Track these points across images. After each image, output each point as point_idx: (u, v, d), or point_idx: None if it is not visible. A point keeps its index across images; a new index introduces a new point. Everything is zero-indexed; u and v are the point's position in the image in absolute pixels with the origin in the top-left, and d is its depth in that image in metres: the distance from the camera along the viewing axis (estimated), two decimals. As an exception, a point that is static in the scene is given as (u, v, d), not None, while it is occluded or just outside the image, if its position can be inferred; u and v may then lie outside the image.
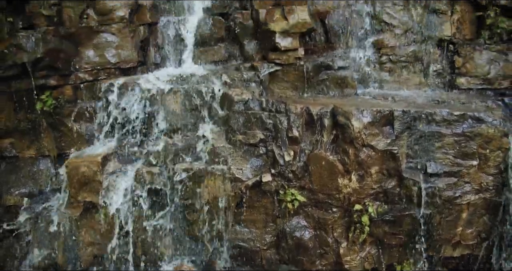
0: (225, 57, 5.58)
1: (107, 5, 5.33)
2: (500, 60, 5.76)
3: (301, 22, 5.11)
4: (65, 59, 5.31)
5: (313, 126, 4.82)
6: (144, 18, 5.48)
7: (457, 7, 5.72)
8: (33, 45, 5.14)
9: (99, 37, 5.36)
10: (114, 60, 5.34)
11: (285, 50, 5.16)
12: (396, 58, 5.63)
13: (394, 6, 5.59)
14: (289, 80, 5.35)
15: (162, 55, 5.64)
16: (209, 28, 5.51)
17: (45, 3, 5.35)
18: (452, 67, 5.78)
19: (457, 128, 4.87)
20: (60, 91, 5.38)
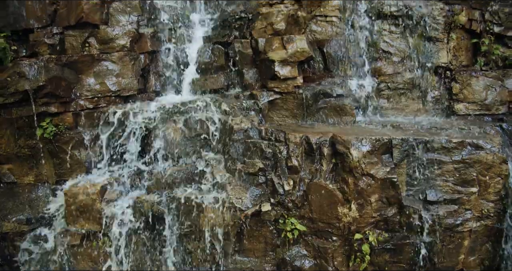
0: (224, 85, 5.62)
1: (108, 34, 5.42)
2: (496, 86, 5.84)
3: (300, 51, 5.18)
4: (66, 87, 5.35)
5: (312, 155, 4.83)
6: (145, 46, 5.56)
7: (453, 35, 5.83)
8: (35, 73, 5.18)
9: (100, 65, 5.41)
10: (115, 88, 5.37)
11: (284, 79, 5.21)
12: (394, 85, 5.69)
13: (391, 34, 5.69)
14: (288, 108, 5.39)
15: (162, 83, 5.68)
16: (209, 56, 5.57)
17: (49, 32, 5.45)
18: (449, 93, 5.85)
19: (456, 156, 4.88)
20: (60, 118, 5.39)
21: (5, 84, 5.14)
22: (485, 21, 5.96)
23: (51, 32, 5.47)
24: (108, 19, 5.51)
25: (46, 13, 5.46)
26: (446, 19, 5.79)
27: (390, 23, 5.68)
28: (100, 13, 5.44)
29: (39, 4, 5.44)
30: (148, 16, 5.62)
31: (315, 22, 5.62)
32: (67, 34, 5.47)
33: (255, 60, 5.50)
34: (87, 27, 5.46)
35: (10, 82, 5.16)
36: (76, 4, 5.37)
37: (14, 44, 5.44)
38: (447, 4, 5.82)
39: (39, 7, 5.44)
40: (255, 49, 5.42)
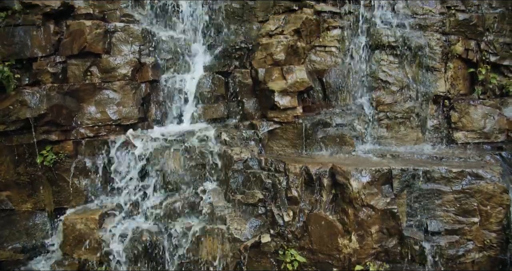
0: (224, 114, 5.66)
1: (110, 63, 5.50)
2: (495, 114, 5.88)
3: (300, 82, 5.25)
4: (67, 115, 5.39)
5: (312, 186, 4.82)
6: (146, 76, 5.62)
7: (450, 64, 5.91)
8: (37, 101, 5.23)
9: (101, 93, 5.47)
10: (115, 117, 5.40)
11: (284, 109, 5.26)
12: (393, 114, 5.73)
13: (390, 64, 5.77)
14: (288, 138, 5.41)
15: (162, 112, 5.72)
16: (209, 86, 5.64)
17: (52, 61, 5.53)
18: (448, 122, 5.88)
19: (456, 186, 4.86)
20: (61, 146, 5.40)
21: (7, 112, 5.19)
22: (481, 50, 6.06)
23: (54, 61, 5.55)
24: (110, 49, 5.60)
25: (50, 43, 5.55)
26: (443, 49, 5.89)
27: (389, 53, 5.78)
28: (102, 42, 5.54)
29: (44, 34, 5.54)
30: (150, 46, 5.71)
31: (315, 52, 5.73)
32: (70, 63, 5.55)
33: (255, 90, 5.57)
34: (89, 56, 5.54)
35: (12, 110, 5.21)
36: (80, 34, 5.47)
37: (17, 72, 5.52)
38: (443, 34, 5.93)
39: (43, 37, 5.54)
40: (255, 79, 5.49)
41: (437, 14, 5.97)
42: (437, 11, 5.97)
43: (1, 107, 5.21)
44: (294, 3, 5.84)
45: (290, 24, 5.58)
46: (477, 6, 6.10)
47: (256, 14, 5.98)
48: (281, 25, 5.58)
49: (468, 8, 6.08)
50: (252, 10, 5.99)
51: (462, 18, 5.98)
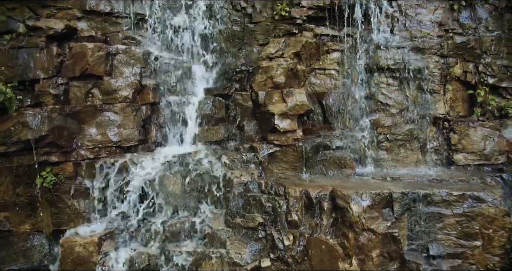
0: (225, 137, 5.67)
1: (112, 85, 5.55)
2: (494, 136, 5.89)
3: (299, 105, 5.28)
4: (68, 137, 5.40)
5: (312, 210, 4.79)
6: (147, 98, 5.65)
7: (449, 87, 5.95)
8: (38, 123, 5.26)
9: (102, 115, 5.49)
10: (116, 138, 5.42)
11: (284, 132, 5.28)
12: (393, 137, 5.75)
13: (389, 86, 5.82)
14: (288, 160, 5.41)
15: (163, 134, 5.73)
16: (209, 108, 5.66)
17: (54, 83, 5.58)
18: (448, 144, 5.89)
19: (457, 209, 4.82)
20: (61, 167, 5.40)
21: (9, 133, 5.21)
22: (479, 73, 6.12)
23: (56, 83, 5.60)
24: (112, 71, 5.65)
25: (53, 65, 5.61)
26: (442, 72, 5.95)
27: (388, 76, 5.83)
28: (104, 64, 5.60)
29: (47, 56, 5.60)
30: (151, 68, 5.77)
31: (314, 75, 5.79)
32: (72, 85, 5.60)
33: (255, 112, 5.60)
34: (91, 78, 5.60)
35: (13, 132, 5.23)
36: (82, 56, 5.53)
37: (19, 94, 5.56)
38: (442, 57, 6.00)
39: (46, 59, 5.60)
40: (255, 102, 5.52)
41: (435, 37, 6.05)
42: (435, 34, 6.06)
43: (3, 129, 5.23)
44: (294, 26, 5.94)
45: (290, 47, 5.66)
46: (474, 29, 6.18)
47: (256, 37, 6.09)
48: (281, 48, 5.66)
49: (466, 31, 6.16)
50: (253, 33, 6.09)
51: (459, 41, 6.06)
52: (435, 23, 6.09)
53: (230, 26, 6.14)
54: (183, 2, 6.12)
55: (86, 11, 6.19)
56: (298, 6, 5.91)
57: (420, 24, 6.06)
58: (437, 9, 6.15)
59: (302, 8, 5.90)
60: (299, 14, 5.90)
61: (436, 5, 6.15)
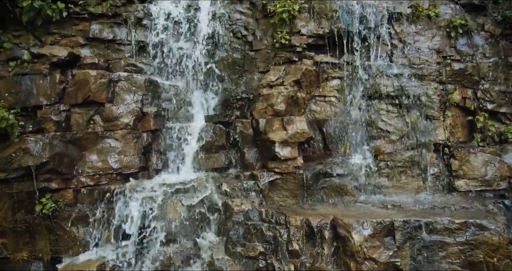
0: (225, 164, 5.67)
1: (113, 112, 5.59)
2: (495, 162, 5.88)
3: (300, 132, 5.30)
4: (69, 163, 5.41)
5: (313, 239, 4.74)
6: (148, 125, 5.69)
7: (448, 113, 5.98)
8: (40, 149, 5.28)
9: (103, 142, 5.51)
10: (117, 166, 5.42)
11: (284, 160, 5.27)
12: (394, 163, 5.74)
13: (389, 113, 5.85)
14: (288, 188, 5.39)
15: (163, 161, 5.74)
16: (210, 135, 5.68)
17: (56, 109, 5.62)
18: (449, 170, 5.87)
19: (460, 237, 4.77)
20: (61, 194, 5.39)
21: (10, 159, 5.22)
22: (478, 99, 6.17)
23: (58, 109, 5.65)
24: (114, 98, 5.70)
25: (55, 91, 5.67)
26: (441, 98, 5.99)
27: (387, 102, 5.88)
28: (106, 92, 5.65)
29: (50, 83, 5.67)
30: (152, 95, 5.83)
31: (315, 102, 5.83)
32: (74, 111, 5.64)
33: (255, 140, 5.61)
34: (93, 105, 5.65)
35: (14, 158, 5.24)
36: (85, 84, 5.59)
37: (22, 120, 5.60)
38: (440, 83, 6.06)
39: (49, 86, 5.67)
40: (256, 129, 5.54)
41: (434, 63, 6.12)
42: (434, 61, 6.13)
43: (4, 155, 5.25)
44: (294, 54, 6.02)
45: (290, 75, 5.72)
46: (472, 56, 6.27)
47: (257, 65, 6.16)
48: (281, 76, 5.72)
49: (463, 58, 6.25)
50: (253, 60, 6.17)
51: (457, 67, 6.13)
52: (433, 50, 6.18)
53: (231, 53, 6.22)
54: (185, 29, 6.23)
55: (90, 38, 6.30)
56: (298, 34, 6.00)
57: (418, 51, 6.15)
58: (435, 37, 6.26)
59: (302, 36, 6.00)
60: (299, 42, 5.99)
61: (433, 33, 6.26)
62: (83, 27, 6.33)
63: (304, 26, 6.03)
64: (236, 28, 6.36)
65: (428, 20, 6.26)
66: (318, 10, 6.04)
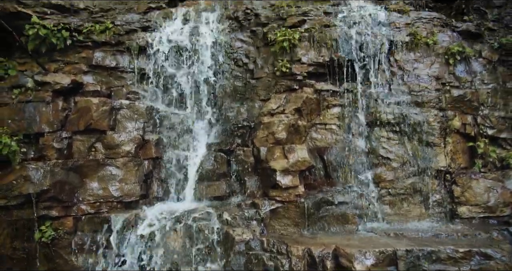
0: (226, 193, 5.64)
1: (115, 139, 5.61)
2: (498, 188, 5.85)
3: (301, 161, 5.30)
4: (70, 191, 5.39)
5: (315, 269, 4.66)
6: (149, 153, 5.70)
7: (449, 139, 5.99)
8: (41, 177, 5.28)
9: (104, 170, 5.51)
10: (117, 193, 5.40)
11: (285, 188, 5.25)
12: (395, 191, 5.71)
13: (389, 140, 5.86)
14: (290, 217, 5.34)
15: (164, 189, 5.72)
16: (211, 163, 5.68)
17: (58, 137, 5.64)
18: (451, 196, 5.84)
19: (464, 266, 4.69)
20: (60, 222, 5.35)
21: (10, 186, 5.22)
22: (478, 124, 6.19)
23: (60, 137, 5.66)
24: (115, 125, 5.74)
25: (58, 119, 5.71)
26: (441, 125, 6.01)
27: (388, 130, 5.89)
28: (108, 119, 5.69)
29: (53, 110, 5.72)
30: (154, 123, 5.86)
31: (315, 130, 5.85)
32: (75, 138, 5.66)
33: (257, 168, 5.61)
34: (94, 132, 5.68)
35: (15, 185, 5.24)
36: (87, 111, 5.64)
37: (23, 146, 5.62)
38: (440, 110, 6.09)
39: (52, 113, 5.71)
40: (257, 157, 5.55)
41: (433, 90, 6.17)
42: (433, 87, 6.18)
43: (5, 182, 5.25)
44: (294, 82, 6.08)
45: (291, 103, 5.76)
46: (470, 82, 6.32)
47: (258, 93, 6.22)
48: (282, 104, 5.76)
49: (462, 84, 6.30)
50: (254, 88, 6.23)
51: (457, 94, 6.18)
52: (432, 77, 6.25)
53: (232, 81, 6.29)
54: (187, 57, 6.32)
55: (92, 65, 6.40)
56: (299, 62, 6.09)
57: (418, 78, 6.21)
58: (434, 64, 6.33)
59: (302, 64, 6.08)
60: (299, 70, 6.07)
61: (432, 60, 6.34)
62: (86, 55, 6.45)
63: (305, 55, 6.13)
64: (237, 56, 6.46)
65: (427, 47, 6.35)
66: (318, 39, 6.15)
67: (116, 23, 6.59)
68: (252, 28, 6.63)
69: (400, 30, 6.45)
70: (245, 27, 6.64)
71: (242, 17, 6.67)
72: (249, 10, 6.72)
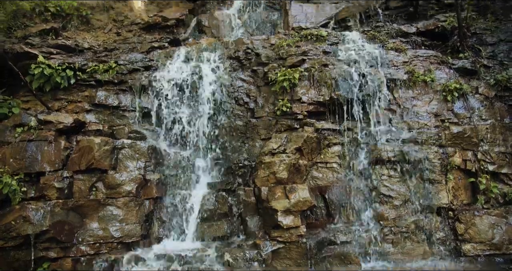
0: (227, 233, 5.57)
1: (116, 179, 5.59)
2: (502, 224, 5.78)
3: (303, 201, 5.27)
4: (69, 231, 5.32)
5: (319, 314, 4.58)
6: (150, 192, 5.67)
7: (450, 176, 5.98)
8: (40, 218, 5.24)
9: (105, 210, 5.46)
10: (118, 234, 5.33)
11: (287, 228, 5.19)
12: (398, 229, 5.64)
13: (391, 178, 5.84)
14: (292, 257, 5.25)
15: (165, 229, 5.65)
16: (212, 203, 5.65)
17: (59, 176, 5.63)
18: (455, 234, 5.76)
19: (471, 307, 4.60)
20: (59, 263, 5.25)
21: (9, 227, 5.16)
22: (478, 160, 6.19)
23: (61, 176, 5.65)
24: (117, 165, 5.73)
25: (59, 158, 5.72)
26: (442, 161, 6.01)
27: (389, 167, 5.88)
28: (110, 159, 5.70)
29: (55, 149, 5.74)
30: (155, 162, 5.85)
31: (316, 168, 5.85)
32: (77, 178, 5.64)
33: (258, 208, 5.56)
34: (96, 172, 5.66)
35: (13, 226, 5.18)
36: (89, 151, 5.65)
37: (24, 186, 5.60)
38: (440, 147, 6.10)
39: (54, 152, 5.73)
40: (258, 197, 5.51)
41: (432, 127, 6.22)
42: (432, 124, 6.24)
43: (3, 223, 5.20)
44: (295, 122, 6.15)
45: (292, 142, 5.78)
46: (469, 118, 6.38)
47: (258, 132, 6.26)
48: (283, 144, 5.78)
49: (461, 120, 6.35)
50: (255, 128, 6.27)
51: (456, 130, 6.21)
52: (431, 114, 6.32)
53: (233, 120, 6.35)
54: (188, 96, 6.41)
55: (95, 104, 6.48)
56: (299, 101, 6.17)
57: (417, 115, 6.28)
58: (432, 101, 6.42)
59: (302, 103, 6.16)
60: (300, 109, 6.15)
61: (430, 97, 6.43)
62: (89, 94, 6.54)
63: (305, 94, 6.23)
64: (238, 95, 6.55)
65: (425, 85, 6.46)
66: (318, 78, 6.26)
67: (119, 63, 6.73)
68: (253, 68, 6.76)
69: (398, 68, 6.58)
70: (246, 67, 6.77)
71: (243, 56, 6.82)
72: (249, 49, 6.87)
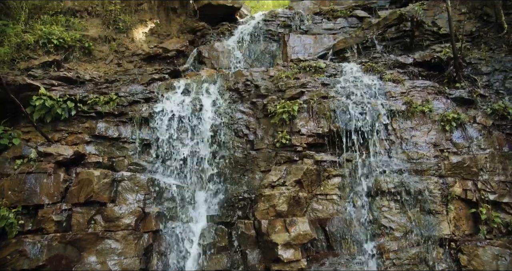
0: (227, 267, 5.47)
1: (115, 212, 5.55)
2: (506, 255, 5.68)
3: (303, 234, 5.22)
4: (66, 266, 5.25)
5: None
6: (150, 225, 5.61)
7: (451, 206, 5.93)
8: (37, 252, 5.18)
9: (103, 243, 5.39)
10: (116, 268, 5.24)
11: (288, 262, 5.11)
12: (400, 261, 5.55)
13: (391, 210, 5.79)
14: (293, 292, 5.17)
15: (164, 263, 5.55)
16: (212, 236, 5.59)
17: (58, 209, 5.59)
18: (458, 265, 5.65)
19: None
20: (55, 300, 5.17)
21: (4, 262, 5.09)
22: (479, 190, 6.15)
23: (60, 209, 5.62)
24: (116, 197, 5.71)
25: (58, 190, 5.71)
26: (442, 192, 5.97)
27: (389, 199, 5.84)
28: (109, 191, 5.68)
29: (54, 182, 5.73)
30: (155, 195, 5.83)
31: (316, 200, 5.82)
32: (75, 211, 5.61)
33: (258, 241, 5.49)
34: (95, 204, 5.64)
35: (9, 261, 5.11)
36: (88, 183, 5.65)
37: (21, 218, 5.55)
38: (440, 177, 6.08)
39: (53, 185, 5.72)
40: (258, 230, 5.45)
41: (432, 157, 6.22)
42: (431, 154, 6.24)
43: (-1, 257, 5.13)
44: (294, 154, 6.15)
45: (291, 175, 5.77)
46: (468, 148, 6.39)
47: (258, 164, 6.25)
48: (283, 176, 5.76)
49: (460, 150, 6.37)
50: (255, 160, 6.27)
51: (455, 160, 6.21)
52: (430, 144, 6.33)
53: (233, 152, 6.35)
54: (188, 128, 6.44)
55: (95, 135, 6.50)
56: (298, 133, 6.20)
57: (416, 146, 6.29)
58: (431, 131, 6.45)
59: (302, 135, 6.19)
60: (299, 142, 6.17)
61: (429, 127, 6.46)
62: (90, 125, 6.58)
63: (304, 126, 6.26)
64: (238, 127, 6.58)
65: (423, 115, 6.51)
66: (316, 110, 6.32)
67: (120, 94, 6.80)
68: (252, 100, 6.82)
69: (396, 99, 6.65)
70: (246, 99, 6.84)
71: (242, 88, 6.90)
72: (249, 81, 6.96)
